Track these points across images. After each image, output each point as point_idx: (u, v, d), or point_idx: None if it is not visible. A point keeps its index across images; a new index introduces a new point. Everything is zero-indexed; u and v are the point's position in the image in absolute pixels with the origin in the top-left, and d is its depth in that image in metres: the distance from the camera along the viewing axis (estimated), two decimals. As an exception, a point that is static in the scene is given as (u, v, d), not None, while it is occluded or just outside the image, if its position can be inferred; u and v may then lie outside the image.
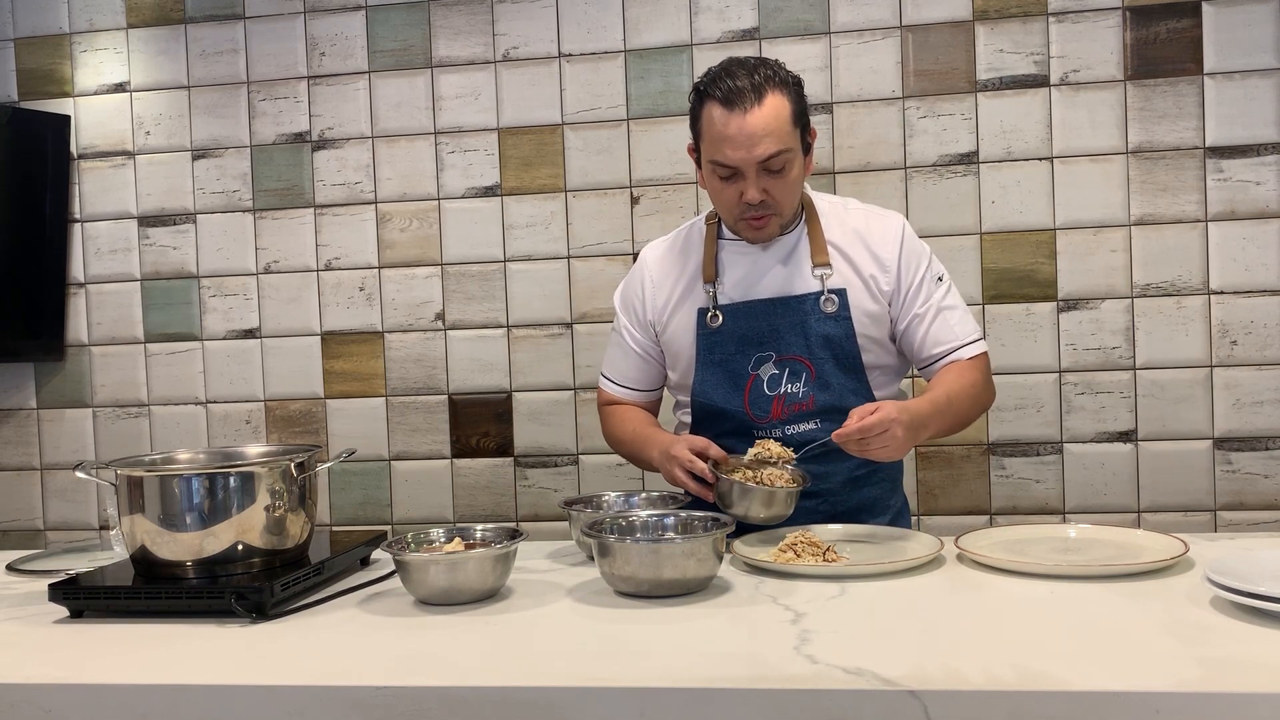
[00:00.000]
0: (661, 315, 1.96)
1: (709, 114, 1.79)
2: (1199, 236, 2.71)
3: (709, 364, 1.90)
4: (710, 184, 1.85)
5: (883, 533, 1.79)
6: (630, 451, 1.99)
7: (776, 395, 1.87)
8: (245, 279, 3.10)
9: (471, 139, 2.99)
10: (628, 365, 2.03)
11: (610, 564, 1.48)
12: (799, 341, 1.86)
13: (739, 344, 1.88)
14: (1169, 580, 1.45)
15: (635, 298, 2.00)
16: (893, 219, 1.93)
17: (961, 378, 1.85)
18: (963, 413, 1.83)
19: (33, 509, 3.22)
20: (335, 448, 3.02)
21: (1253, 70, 2.67)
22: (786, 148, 1.77)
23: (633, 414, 2.02)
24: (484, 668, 1.24)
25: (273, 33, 3.07)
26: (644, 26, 2.90)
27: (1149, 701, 1.05)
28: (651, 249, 2.03)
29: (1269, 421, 2.70)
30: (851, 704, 1.09)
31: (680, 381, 1.98)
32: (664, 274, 1.97)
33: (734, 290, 1.90)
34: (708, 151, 1.81)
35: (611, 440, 2.06)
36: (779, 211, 1.83)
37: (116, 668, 1.30)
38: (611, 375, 2.06)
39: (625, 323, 2.02)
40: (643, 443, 1.93)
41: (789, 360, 1.86)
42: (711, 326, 1.89)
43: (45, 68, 3.18)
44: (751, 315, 1.88)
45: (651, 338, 1.99)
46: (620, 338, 2.03)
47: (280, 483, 1.57)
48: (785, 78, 1.80)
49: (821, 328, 1.85)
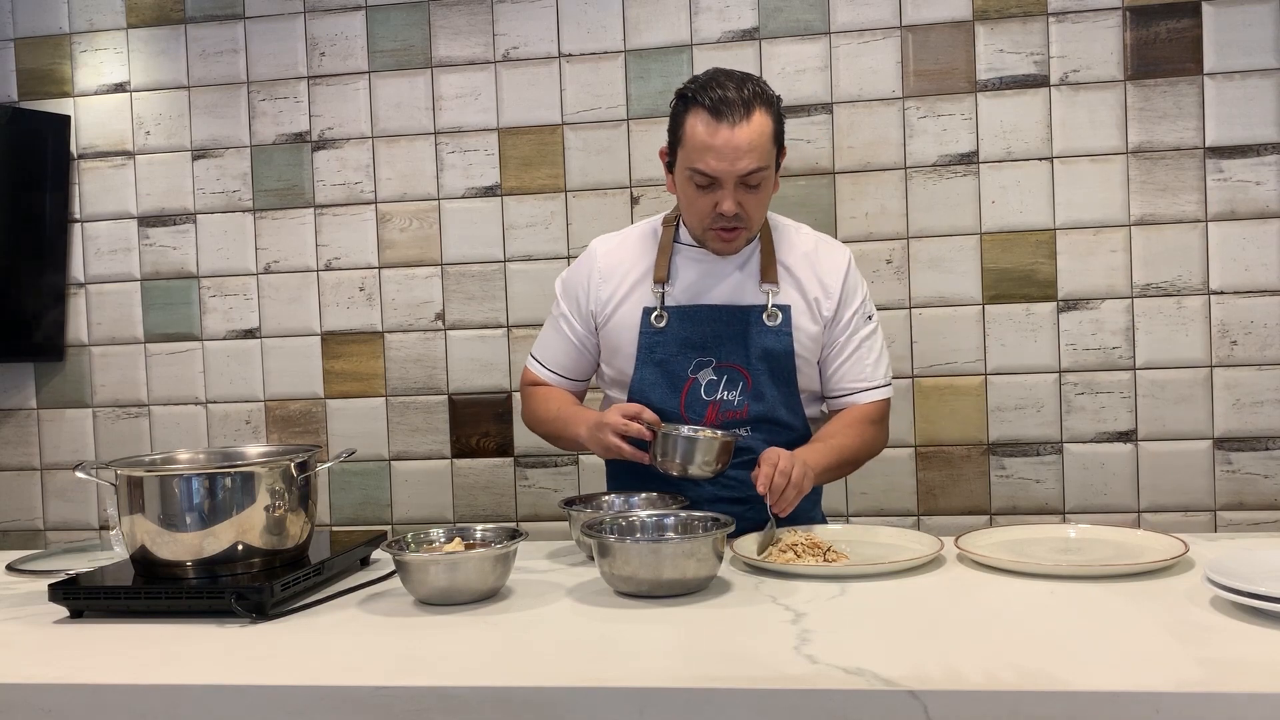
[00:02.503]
0: (605, 308, 1.97)
1: (693, 122, 1.80)
2: (1199, 236, 2.71)
3: (649, 363, 1.92)
4: (684, 191, 1.86)
5: (883, 533, 1.79)
6: (553, 430, 2.00)
7: (712, 401, 1.90)
8: (245, 279, 3.10)
9: (471, 139, 2.99)
10: (560, 352, 2.04)
11: (610, 564, 1.48)
12: (739, 351, 1.89)
13: (681, 347, 1.90)
14: (1169, 580, 1.45)
15: (579, 287, 2.00)
16: (840, 250, 2.00)
17: (853, 429, 1.93)
18: (855, 462, 1.94)
19: (33, 509, 3.22)
20: (335, 448, 3.02)
21: (1253, 70, 2.67)
22: (766, 165, 1.81)
23: (556, 394, 2.04)
24: (484, 668, 1.24)
25: (273, 33, 3.07)
26: (644, 26, 2.90)
27: (1149, 701, 1.05)
28: (602, 242, 2.04)
29: (1269, 421, 2.70)
30: (851, 704, 1.09)
31: (615, 377, 2.00)
32: (612, 268, 1.98)
33: (682, 294, 1.93)
34: (687, 159, 1.82)
35: (532, 419, 2.06)
36: (749, 226, 1.86)
37: (116, 668, 1.30)
38: (541, 359, 2.07)
39: (565, 309, 2.03)
40: (567, 420, 1.94)
41: (727, 368, 1.90)
42: (656, 326, 1.91)
43: (45, 68, 3.18)
44: (697, 320, 1.91)
45: (590, 329, 2.00)
46: (557, 324, 2.04)
47: (280, 483, 1.57)
48: (770, 96, 1.83)
49: (763, 340, 1.89)
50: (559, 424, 1.97)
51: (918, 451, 2.83)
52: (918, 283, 2.80)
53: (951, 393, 2.81)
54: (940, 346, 2.80)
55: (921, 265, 2.80)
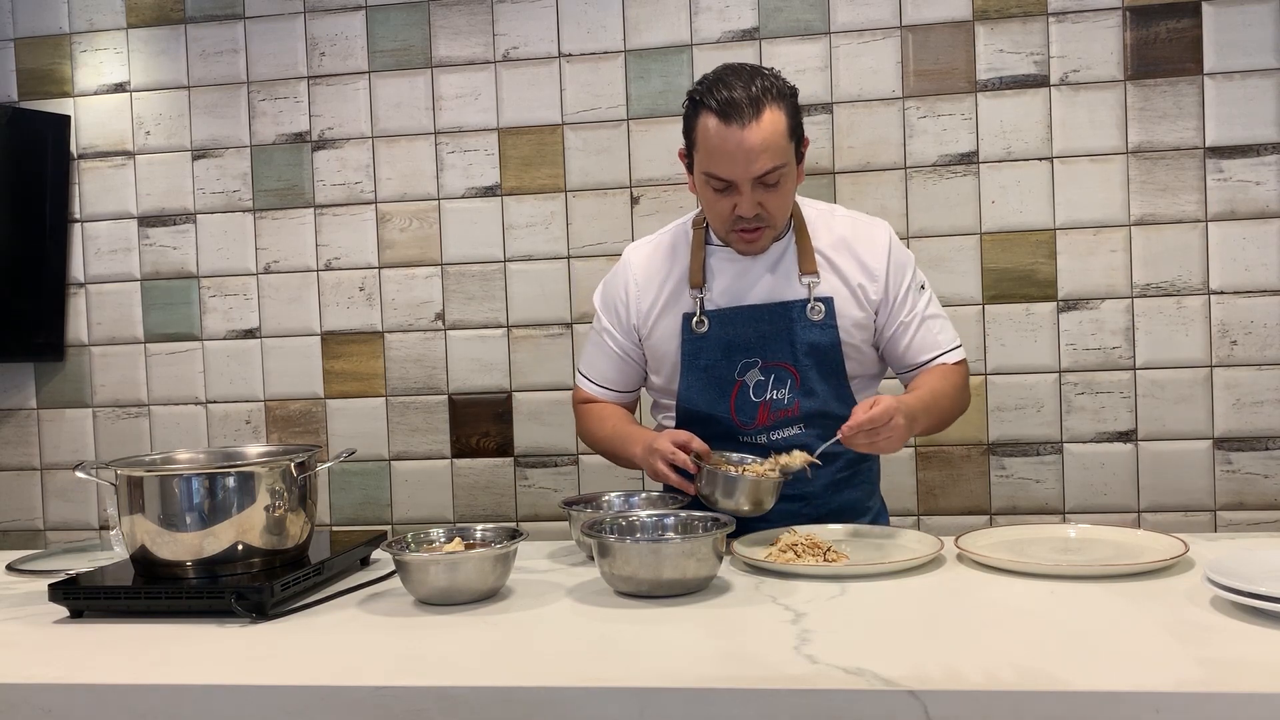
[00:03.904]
0: (646, 320, 1.94)
1: (704, 124, 1.75)
2: (1199, 236, 2.71)
3: (694, 369, 1.89)
4: (703, 194, 1.83)
5: (883, 533, 1.79)
6: (610, 449, 1.97)
7: (762, 401, 1.87)
8: (245, 279, 3.10)
9: (471, 139, 2.99)
10: (607, 366, 2.01)
11: (610, 564, 1.48)
12: (785, 348, 1.86)
13: (725, 350, 1.87)
14: (1169, 580, 1.45)
15: (619, 300, 1.97)
16: (879, 227, 1.94)
17: (945, 379, 1.88)
18: (945, 411, 1.88)
19: (33, 509, 3.22)
20: (335, 448, 3.02)
21: (1253, 70, 2.67)
22: (782, 162, 1.76)
23: (611, 411, 2.01)
24: (484, 668, 1.24)
25: (273, 33, 3.07)
26: (644, 26, 2.90)
27: (1149, 701, 1.05)
28: (636, 251, 1.99)
29: (1269, 421, 2.70)
30: (851, 704, 1.09)
31: (664, 385, 1.96)
32: (649, 277, 1.94)
33: (721, 297, 1.89)
34: (702, 162, 1.78)
35: (589, 438, 2.04)
36: (772, 224, 1.82)
37: (116, 668, 1.30)
38: (590, 375, 2.04)
39: (606, 324, 1.99)
40: (623, 440, 1.91)
41: (774, 366, 1.86)
42: (697, 332, 1.88)
43: (45, 68, 3.18)
44: (738, 321, 1.87)
45: (634, 341, 1.97)
46: (600, 338, 2.01)
47: (280, 483, 1.57)
48: (782, 89, 1.77)
49: (808, 335, 1.85)
50: (615, 443, 1.94)
51: (918, 451, 2.83)
52: (918, 283, 2.80)
53: (951, 393, 2.80)
54: (940, 346, 2.80)
55: (921, 265, 2.75)
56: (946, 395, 1.86)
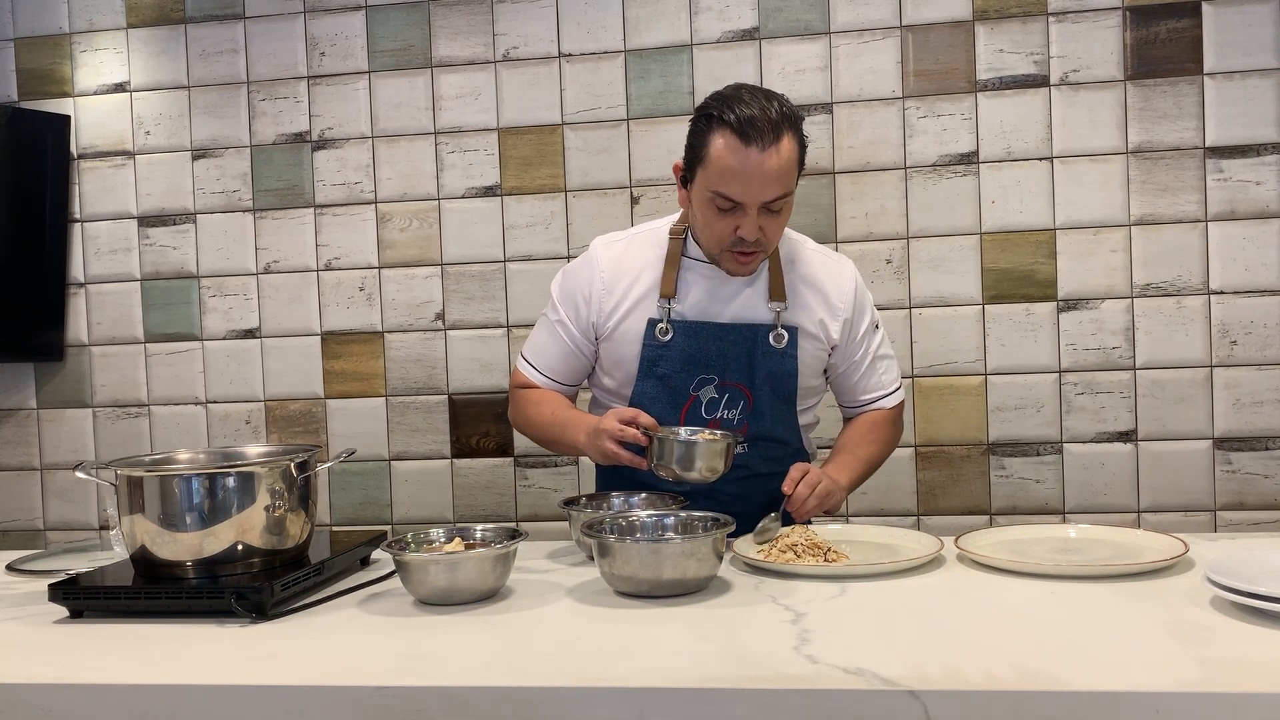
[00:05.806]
0: (608, 320, 1.91)
1: (718, 142, 1.72)
2: (1199, 236, 2.71)
3: (651, 376, 1.88)
4: (703, 212, 1.79)
5: (883, 533, 1.79)
6: (548, 435, 1.94)
7: (712, 419, 1.88)
8: (245, 279, 3.10)
9: (471, 139, 2.99)
10: (555, 356, 1.97)
11: (610, 564, 1.48)
12: (744, 370, 1.87)
13: (684, 363, 1.87)
14: (1169, 580, 1.45)
15: (580, 295, 1.92)
16: (846, 265, 1.98)
17: (875, 432, 1.98)
18: (879, 465, 2.00)
19: (33, 509, 3.22)
20: (335, 448, 3.02)
21: (1253, 70, 2.67)
22: (790, 190, 1.76)
23: (550, 397, 1.97)
24: (484, 668, 1.24)
25: (273, 33, 3.07)
26: (644, 26, 2.90)
27: (1149, 701, 1.05)
28: (606, 249, 1.94)
29: (1269, 421, 2.70)
30: (851, 704, 1.09)
31: (616, 389, 1.94)
32: (616, 278, 1.90)
33: (689, 310, 1.88)
34: (710, 180, 1.75)
35: (524, 422, 2.00)
36: (767, 249, 1.83)
37: (116, 668, 1.30)
38: (534, 362, 1.99)
39: (563, 315, 1.94)
40: (564, 425, 1.88)
41: (730, 387, 1.88)
42: (660, 340, 1.87)
43: (45, 68, 3.18)
44: (703, 336, 1.87)
45: (590, 339, 1.94)
46: (552, 328, 1.96)
47: (280, 483, 1.57)
48: (796, 117, 1.76)
49: (768, 362, 1.87)
50: (555, 429, 1.91)
51: (918, 451, 2.83)
52: (918, 283, 2.80)
53: (951, 393, 2.81)
54: (940, 346, 2.80)
55: (921, 265, 2.80)
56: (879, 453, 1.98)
